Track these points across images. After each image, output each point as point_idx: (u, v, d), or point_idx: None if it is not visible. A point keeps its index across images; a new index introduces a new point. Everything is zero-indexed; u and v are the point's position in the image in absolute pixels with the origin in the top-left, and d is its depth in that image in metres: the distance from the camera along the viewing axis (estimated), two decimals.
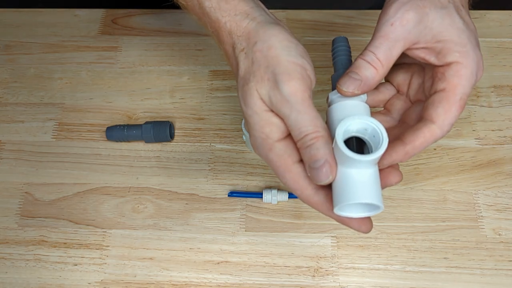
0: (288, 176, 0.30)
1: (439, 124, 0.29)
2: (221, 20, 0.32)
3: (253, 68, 0.30)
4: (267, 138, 0.30)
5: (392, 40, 0.30)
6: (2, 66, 0.56)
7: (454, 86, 0.29)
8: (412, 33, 0.30)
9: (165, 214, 0.47)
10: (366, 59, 0.30)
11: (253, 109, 0.30)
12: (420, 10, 0.29)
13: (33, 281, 0.44)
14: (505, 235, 0.45)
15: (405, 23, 0.29)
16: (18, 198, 0.48)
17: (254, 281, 0.43)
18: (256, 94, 0.30)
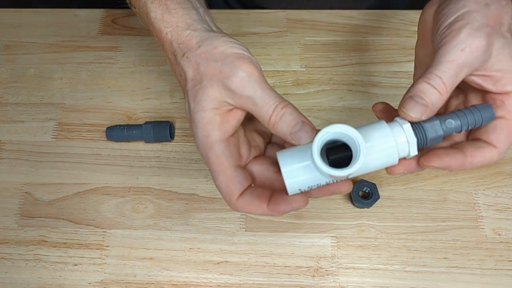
0: (222, 178, 0.31)
1: (499, 149, 0.31)
2: (163, 30, 0.33)
3: (201, 68, 0.31)
4: (208, 137, 0.31)
5: (460, 66, 0.29)
6: (2, 66, 0.56)
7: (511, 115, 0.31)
8: (478, 60, 0.29)
9: (165, 214, 0.47)
10: (432, 84, 0.29)
11: (201, 105, 0.31)
12: (488, 38, 0.29)
13: (33, 281, 0.44)
14: (505, 235, 0.45)
15: (475, 50, 0.29)
16: (18, 198, 0.48)
17: (254, 281, 0.43)
18: (210, 91, 0.30)
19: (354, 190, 0.45)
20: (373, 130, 0.30)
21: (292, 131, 0.29)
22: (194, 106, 0.31)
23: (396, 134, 0.29)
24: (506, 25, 0.30)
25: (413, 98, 0.29)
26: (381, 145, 0.29)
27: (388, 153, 0.29)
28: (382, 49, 0.56)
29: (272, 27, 0.58)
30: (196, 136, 0.32)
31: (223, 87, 0.30)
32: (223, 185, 0.31)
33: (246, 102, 0.30)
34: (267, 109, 0.30)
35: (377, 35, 0.57)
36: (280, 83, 0.54)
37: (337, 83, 0.54)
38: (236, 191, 0.31)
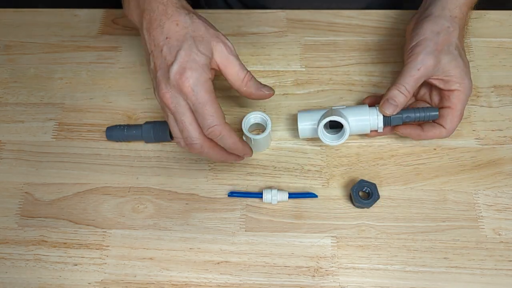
0: (216, 105, 0.38)
1: (447, 128, 0.46)
2: None
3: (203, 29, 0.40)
4: (206, 73, 0.39)
5: (418, 79, 0.45)
6: (2, 66, 0.56)
7: (456, 105, 0.45)
8: (430, 72, 0.45)
9: (165, 214, 0.47)
10: (401, 90, 0.44)
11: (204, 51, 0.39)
12: (437, 57, 0.44)
13: (33, 281, 0.44)
14: (505, 235, 0.45)
15: (427, 67, 0.44)
16: (18, 198, 0.48)
17: (254, 281, 0.43)
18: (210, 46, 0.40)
19: (354, 190, 0.45)
20: (358, 109, 0.46)
21: (260, 86, 0.42)
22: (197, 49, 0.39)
23: (371, 114, 0.46)
24: (454, 45, 0.45)
25: (388, 100, 0.45)
26: (360, 118, 0.46)
27: (363, 124, 0.46)
28: (382, 49, 0.56)
29: (272, 27, 0.58)
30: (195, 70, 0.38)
31: (218, 45, 0.40)
32: (219, 110, 0.39)
33: (230, 62, 0.40)
34: (242, 71, 0.41)
35: (377, 35, 0.57)
36: (280, 83, 0.54)
37: (337, 83, 0.54)
38: (224, 116, 0.39)
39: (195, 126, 0.39)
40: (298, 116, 0.47)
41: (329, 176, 0.48)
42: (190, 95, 0.38)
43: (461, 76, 0.44)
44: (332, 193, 0.47)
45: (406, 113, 0.46)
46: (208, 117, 0.38)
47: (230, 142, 0.40)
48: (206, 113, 0.38)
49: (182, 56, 0.38)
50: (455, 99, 0.45)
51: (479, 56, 0.55)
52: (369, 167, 0.49)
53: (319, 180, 0.48)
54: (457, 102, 0.45)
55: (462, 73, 0.44)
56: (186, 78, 0.37)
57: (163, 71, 0.39)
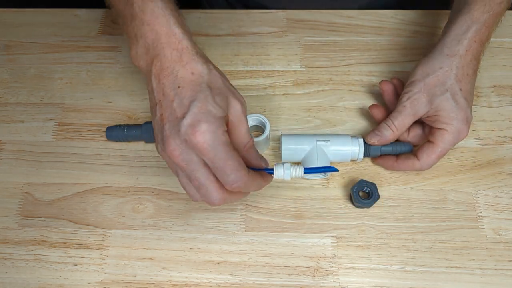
0: (237, 158, 0.35)
1: (421, 162, 0.45)
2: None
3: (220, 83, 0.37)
4: (222, 126, 0.35)
5: (405, 115, 0.45)
6: (2, 66, 0.56)
7: (437, 143, 0.45)
8: (420, 112, 0.45)
9: (165, 214, 0.47)
10: (387, 124, 0.46)
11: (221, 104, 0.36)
12: (426, 98, 0.44)
13: (33, 281, 0.44)
14: (505, 235, 0.45)
15: (414, 106, 0.45)
16: (18, 198, 0.48)
17: (254, 281, 0.43)
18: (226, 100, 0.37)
19: (354, 190, 0.45)
20: (341, 139, 0.47)
21: (259, 157, 0.40)
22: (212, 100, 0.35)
23: (354, 144, 0.47)
24: (447, 85, 0.44)
25: (374, 131, 0.47)
26: (342, 148, 0.47)
27: (345, 153, 0.47)
28: (382, 49, 0.56)
29: (272, 27, 0.58)
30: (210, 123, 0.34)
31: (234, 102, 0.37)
32: (238, 163, 0.35)
33: (240, 122, 0.37)
34: (247, 136, 0.38)
35: (377, 35, 0.57)
36: (280, 83, 0.54)
37: (337, 83, 0.54)
38: (245, 166, 0.36)
39: (213, 183, 0.35)
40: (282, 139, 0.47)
41: (329, 176, 0.48)
42: (206, 151, 0.34)
43: (449, 117, 0.44)
44: (332, 193, 0.47)
45: (384, 146, 0.47)
46: (231, 172, 0.34)
47: (255, 187, 0.38)
48: (229, 168, 0.34)
49: (197, 107, 0.34)
50: (438, 136, 0.44)
51: None
52: (369, 167, 0.48)
53: (319, 180, 0.48)
54: (440, 140, 0.44)
55: (451, 115, 0.44)
56: (201, 132, 0.33)
57: (172, 124, 0.34)
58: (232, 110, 0.36)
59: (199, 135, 0.33)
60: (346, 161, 0.48)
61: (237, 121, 0.37)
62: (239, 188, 0.35)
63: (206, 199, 0.36)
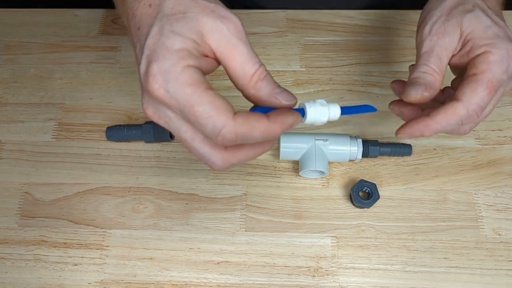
0: (206, 100, 0.26)
1: (464, 102, 0.31)
2: None
3: (187, 1, 0.27)
4: (183, 59, 0.26)
5: (437, 51, 0.33)
6: (2, 66, 0.56)
7: (482, 71, 0.31)
8: (454, 40, 0.33)
9: (165, 214, 0.47)
10: (422, 70, 0.34)
11: (182, 31, 0.26)
12: (449, 22, 0.33)
13: (33, 281, 0.44)
14: (505, 235, 0.45)
15: (440, 36, 0.34)
16: (18, 198, 0.48)
17: (254, 281, 0.43)
18: (196, 23, 0.27)
19: (354, 190, 0.45)
20: (340, 139, 0.46)
21: (276, 91, 0.29)
22: (171, 29, 0.26)
23: (353, 144, 0.46)
24: (471, 2, 0.34)
25: (410, 82, 0.33)
26: (341, 147, 0.46)
27: (343, 153, 0.46)
28: (382, 49, 0.56)
29: (272, 27, 0.58)
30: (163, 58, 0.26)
31: (213, 25, 0.27)
32: (212, 105, 0.26)
33: (233, 49, 0.27)
34: (253, 63, 0.28)
35: (377, 35, 0.57)
36: (280, 83, 0.54)
37: (337, 83, 0.54)
38: (230, 107, 0.26)
39: (202, 141, 0.28)
40: (281, 137, 0.46)
41: (329, 176, 0.48)
42: (165, 100, 0.26)
43: (487, 35, 0.32)
44: (332, 193, 0.47)
45: (382, 147, 0.47)
46: (205, 121, 0.26)
47: (258, 134, 0.27)
48: (199, 117, 0.26)
49: (149, 45, 0.27)
50: (481, 63, 0.32)
51: None
52: (369, 167, 0.49)
53: (319, 180, 0.48)
54: (485, 66, 0.31)
55: (489, 32, 0.32)
56: (153, 76, 0.26)
57: (140, 77, 0.28)
58: (211, 34, 0.27)
59: (152, 81, 0.26)
60: (344, 161, 0.48)
61: (225, 44, 0.27)
62: (230, 142, 0.26)
63: (205, 164, 0.29)
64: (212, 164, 0.28)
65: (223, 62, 0.28)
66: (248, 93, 0.29)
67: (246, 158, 0.29)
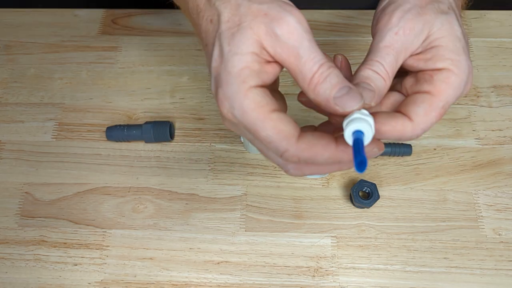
0: (270, 124, 0.26)
1: (414, 124, 0.28)
2: None
3: (242, 9, 0.27)
4: (245, 82, 0.26)
5: (397, 50, 0.28)
6: (2, 66, 0.56)
7: (440, 92, 0.28)
8: (414, 43, 0.29)
9: (165, 214, 0.47)
10: (375, 70, 0.28)
11: (239, 47, 0.26)
12: (421, 18, 0.28)
13: (33, 281, 0.44)
14: (505, 235, 0.45)
15: (408, 32, 0.28)
16: (18, 198, 0.48)
17: (254, 281, 0.43)
18: (251, 33, 0.26)
19: (354, 190, 0.45)
20: None
21: (336, 95, 0.26)
22: (229, 49, 0.26)
23: None
24: (446, 2, 0.29)
25: (360, 85, 0.28)
26: None
27: None
28: None
29: None
30: (227, 83, 0.26)
31: (267, 31, 0.26)
32: (274, 130, 0.26)
33: (289, 52, 0.26)
34: (312, 65, 0.26)
35: None
36: (280, 83, 0.54)
37: None
38: (293, 132, 0.26)
39: (273, 153, 0.28)
40: None
41: (329, 176, 0.48)
42: (237, 122, 0.27)
43: (456, 48, 0.28)
44: (332, 193, 0.47)
45: None
46: (269, 144, 0.27)
47: (323, 160, 0.27)
48: (264, 140, 0.26)
49: (214, 69, 0.27)
50: (440, 81, 0.28)
51: (479, 56, 0.55)
52: (369, 167, 0.48)
53: (319, 180, 0.48)
54: (443, 87, 0.28)
55: (458, 45, 0.28)
56: (221, 101, 0.27)
57: None
58: (268, 41, 0.26)
59: (221, 106, 0.27)
60: None
61: (282, 51, 0.26)
62: (294, 162, 0.27)
63: (283, 170, 0.30)
64: (286, 171, 0.29)
65: (287, 66, 0.27)
66: (311, 98, 0.27)
67: (319, 171, 0.29)
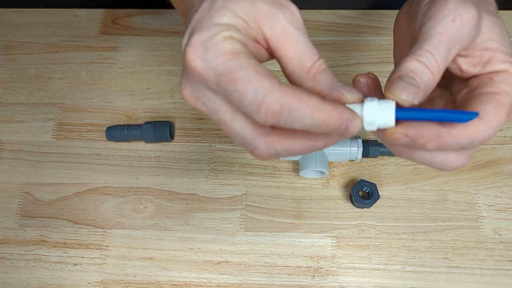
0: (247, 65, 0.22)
1: (486, 123, 0.24)
2: None
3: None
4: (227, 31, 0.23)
5: (452, 40, 0.24)
6: (2, 66, 0.56)
7: (506, 92, 0.25)
8: (469, 36, 0.25)
9: (165, 214, 0.47)
10: (423, 61, 0.24)
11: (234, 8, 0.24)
12: (478, 11, 0.25)
13: (33, 281, 0.44)
14: (505, 235, 0.45)
15: (466, 21, 0.24)
16: (18, 198, 0.48)
17: (254, 281, 0.43)
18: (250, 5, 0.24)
19: (354, 190, 0.45)
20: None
21: (339, 84, 0.24)
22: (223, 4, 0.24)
23: (352, 145, 0.46)
24: (493, 4, 0.28)
25: (403, 78, 0.24)
26: (340, 148, 0.46)
27: (343, 153, 0.46)
28: (382, 49, 0.56)
29: None
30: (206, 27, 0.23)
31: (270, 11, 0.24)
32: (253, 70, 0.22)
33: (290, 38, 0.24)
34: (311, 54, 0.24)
35: (377, 35, 0.57)
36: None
37: None
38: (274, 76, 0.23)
39: (241, 121, 0.24)
40: None
41: (329, 176, 0.48)
42: (204, 72, 0.23)
43: (508, 51, 0.26)
44: (332, 193, 0.47)
45: (382, 147, 0.46)
46: (245, 88, 0.22)
47: (308, 111, 0.22)
48: (239, 83, 0.22)
49: (196, 19, 0.24)
50: (502, 83, 0.25)
51: None
52: (369, 167, 0.49)
53: (319, 180, 0.48)
54: (507, 89, 0.25)
55: (509, 48, 0.26)
56: (192, 46, 0.23)
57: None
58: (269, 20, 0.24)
59: (190, 52, 0.23)
60: (344, 161, 0.48)
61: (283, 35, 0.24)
62: (273, 115, 0.22)
63: (247, 149, 0.25)
64: (254, 149, 0.25)
65: (278, 53, 0.25)
66: (307, 86, 0.24)
67: (293, 148, 0.24)
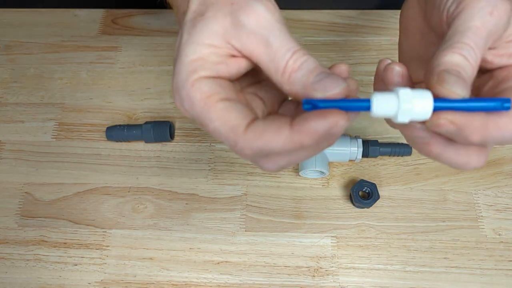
0: (215, 116, 0.23)
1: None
2: None
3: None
4: (194, 72, 0.24)
5: (491, 34, 0.23)
6: (2, 66, 0.56)
7: None
8: (503, 29, 0.24)
9: (165, 214, 0.47)
10: (466, 56, 0.23)
11: (197, 37, 0.24)
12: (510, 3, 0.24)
13: (33, 281, 0.44)
14: (505, 235, 0.45)
15: (503, 14, 0.23)
16: (18, 198, 0.48)
17: (254, 281, 0.43)
18: (213, 24, 0.24)
19: (354, 190, 0.45)
20: (340, 139, 0.47)
21: (315, 80, 0.23)
22: (187, 38, 0.24)
23: (353, 145, 0.46)
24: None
25: (451, 72, 0.22)
26: (341, 148, 0.46)
27: (343, 153, 0.46)
28: (382, 49, 0.56)
29: None
30: (178, 73, 0.24)
31: (232, 21, 0.24)
32: (220, 122, 0.23)
33: (258, 43, 0.23)
34: (284, 52, 0.23)
35: (377, 35, 0.57)
36: None
37: None
38: (240, 121, 0.23)
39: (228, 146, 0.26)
40: None
41: (329, 176, 0.48)
42: (189, 116, 0.25)
43: None
44: (332, 193, 0.47)
45: (382, 147, 0.47)
46: (220, 139, 0.25)
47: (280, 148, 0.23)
48: (214, 134, 0.25)
49: (177, 46, 0.26)
50: None
51: None
52: (369, 167, 0.49)
53: (319, 180, 0.48)
54: None
55: None
56: (174, 93, 0.25)
57: None
58: (233, 31, 0.24)
59: (175, 101, 0.25)
60: (344, 161, 0.48)
61: (250, 42, 0.24)
62: (250, 156, 0.24)
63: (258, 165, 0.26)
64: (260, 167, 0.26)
65: (253, 60, 0.25)
66: (285, 90, 0.24)
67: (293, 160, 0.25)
